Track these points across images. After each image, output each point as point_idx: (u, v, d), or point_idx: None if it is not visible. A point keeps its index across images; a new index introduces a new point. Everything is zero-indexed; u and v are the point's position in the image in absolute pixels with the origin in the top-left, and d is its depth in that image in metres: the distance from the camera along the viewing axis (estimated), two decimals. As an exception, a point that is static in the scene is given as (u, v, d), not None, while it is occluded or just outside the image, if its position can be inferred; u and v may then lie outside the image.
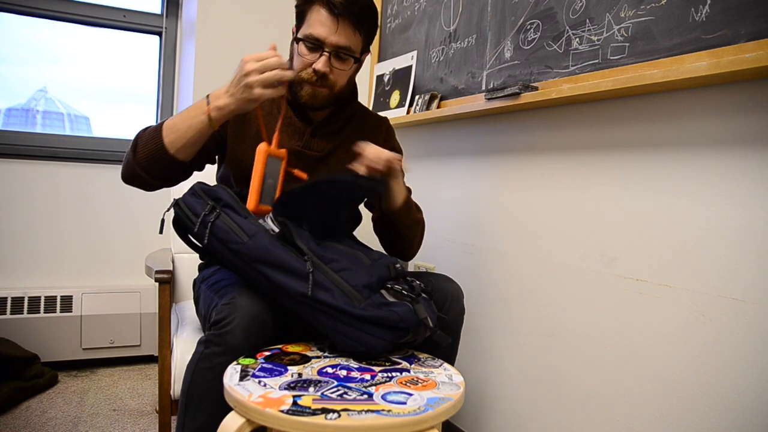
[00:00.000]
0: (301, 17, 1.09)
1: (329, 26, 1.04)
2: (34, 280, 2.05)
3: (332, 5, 1.02)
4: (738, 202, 0.90)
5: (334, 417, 0.66)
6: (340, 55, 1.07)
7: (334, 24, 1.04)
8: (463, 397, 0.79)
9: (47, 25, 2.16)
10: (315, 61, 1.06)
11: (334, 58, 1.06)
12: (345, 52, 1.07)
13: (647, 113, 1.05)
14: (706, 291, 0.93)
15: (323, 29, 1.04)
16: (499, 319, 1.42)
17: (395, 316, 0.87)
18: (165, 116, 2.31)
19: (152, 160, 1.02)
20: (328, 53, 1.05)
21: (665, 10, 0.99)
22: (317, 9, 1.04)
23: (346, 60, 1.08)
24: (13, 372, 1.77)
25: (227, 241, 0.92)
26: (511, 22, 1.39)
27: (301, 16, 1.09)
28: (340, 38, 1.05)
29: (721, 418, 0.90)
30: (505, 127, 1.43)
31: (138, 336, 2.12)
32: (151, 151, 1.01)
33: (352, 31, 1.06)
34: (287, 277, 0.89)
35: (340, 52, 1.06)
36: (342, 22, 1.04)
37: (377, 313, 0.87)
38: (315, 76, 1.07)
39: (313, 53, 1.06)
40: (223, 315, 0.87)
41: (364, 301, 0.88)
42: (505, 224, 1.42)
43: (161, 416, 1.20)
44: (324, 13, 1.04)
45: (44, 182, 2.06)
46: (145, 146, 1.02)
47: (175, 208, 0.97)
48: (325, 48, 1.05)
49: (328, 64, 1.06)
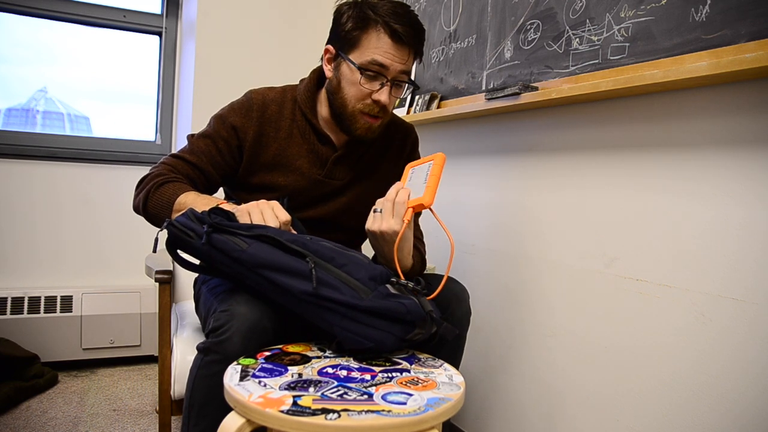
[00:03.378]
0: (353, 42, 1.01)
1: (394, 54, 0.99)
2: (34, 280, 2.05)
3: (397, 33, 0.97)
4: (738, 202, 0.90)
5: (334, 417, 0.66)
6: (399, 82, 1.03)
7: (399, 52, 0.99)
8: (463, 397, 0.79)
9: (47, 25, 2.16)
10: (375, 92, 1.01)
11: (393, 87, 1.03)
12: (405, 77, 1.03)
13: (647, 113, 1.05)
14: (706, 291, 0.93)
15: (387, 57, 0.98)
16: (498, 319, 1.42)
17: (402, 308, 0.85)
18: (165, 116, 2.31)
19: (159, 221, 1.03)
20: (390, 83, 1.01)
21: (665, 10, 0.99)
22: (377, 35, 0.99)
23: (402, 87, 1.05)
24: (13, 372, 1.77)
25: (227, 250, 0.91)
26: (511, 22, 1.39)
27: (352, 41, 1.01)
28: (403, 66, 1.01)
29: (722, 418, 0.90)
30: (505, 127, 1.43)
31: (138, 336, 2.12)
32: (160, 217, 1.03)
33: (412, 57, 1.02)
34: (290, 277, 0.88)
35: (401, 80, 1.03)
36: (404, 49, 1.00)
37: (384, 304, 0.85)
38: (376, 108, 1.02)
39: (372, 82, 1.01)
40: (221, 323, 0.87)
41: (370, 293, 0.87)
42: (505, 224, 1.42)
43: (161, 416, 1.20)
44: (387, 40, 0.98)
45: (44, 182, 2.06)
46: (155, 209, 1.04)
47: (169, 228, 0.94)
48: (388, 77, 1.01)
49: (389, 94, 1.02)
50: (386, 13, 0.99)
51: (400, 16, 1.00)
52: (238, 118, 1.10)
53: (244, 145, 1.10)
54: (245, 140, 1.10)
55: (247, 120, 1.10)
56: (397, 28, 0.98)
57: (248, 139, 1.09)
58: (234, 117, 1.10)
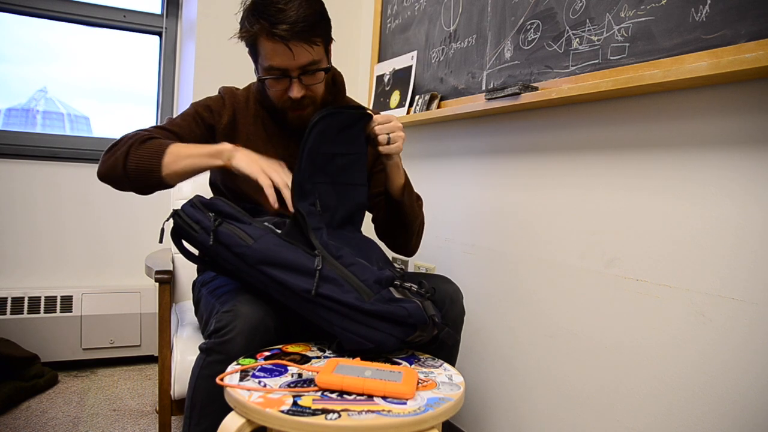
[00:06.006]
0: (254, 52, 1.05)
1: (284, 53, 0.99)
2: (34, 280, 2.05)
3: (276, 36, 0.97)
4: (738, 202, 0.90)
5: (334, 417, 0.66)
6: (308, 72, 1.04)
7: (287, 50, 0.99)
8: (463, 397, 0.79)
9: (47, 25, 2.16)
10: (287, 89, 1.04)
11: (304, 76, 1.03)
12: (311, 67, 1.03)
13: (647, 113, 1.05)
14: (706, 291, 0.93)
15: (279, 58, 1.00)
16: (499, 319, 1.42)
17: (404, 312, 0.86)
18: (165, 116, 2.31)
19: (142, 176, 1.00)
20: (296, 78, 1.03)
21: (665, 10, 0.99)
22: (264, 43, 1.00)
23: (316, 74, 1.05)
24: (13, 372, 1.77)
25: (231, 245, 0.92)
26: (511, 22, 1.39)
27: (253, 52, 1.06)
28: (300, 59, 1.01)
29: (722, 418, 0.90)
30: (505, 127, 1.43)
31: (138, 336, 2.12)
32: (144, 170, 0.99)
33: (309, 47, 1.01)
34: (293, 275, 0.89)
35: (307, 69, 1.03)
36: (294, 45, 0.99)
37: (386, 308, 0.86)
38: (295, 102, 1.06)
39: (281, 82, 1.04)
40: (224, 323, 0.87)
41: (373, 296, 0.87)
42: (505, 224, 1.42)
43: (161, 416, 1.20)
44: (272, 46, 0.99)
45: (44, 182, 2.06)
46: (139, 162, 0.99)
47: (175, 218, 0.96)
48: (291, 74, 1.02)
49: (302, 87, 1.04)
50: (267, 14, 0.98)
51: (279, 14, 0.97)
52: (213, 102, 1.15)
53: (218, 127, 1.13)
54: (219, 123, 1.13)
55: (221, 106, 1.15)
56: (276, 32, 0.97)
57: (222, 122, 1.13)
58: (209, 101, 1.16)
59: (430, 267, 1.70)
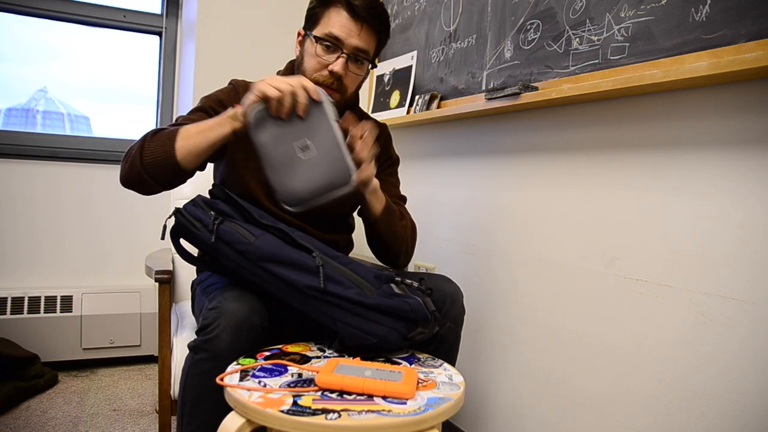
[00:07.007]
0: (315, 19, 1.07)
1: (350, 28, 1.03)
2: (34, 280, 2.05)
3: (354, 8, 1.02)
4: (738, 202, 0.90)
5: (334, 417, 0.66)
6: (357, 58, 1.06)
7: (355, 26, 1.03)
8: (463, 397, 0.79)
9: (47, 25, 2.16)
10: (331, 63, 1.04)
11: (350, 61, 1.05)
12: (362, 55, 1.05)
13: (647, 113, 1.05)
14: (706, 291, 0.93)
15: (344, 30, 1.03)
16: (499, 319, 1.42)
17: (407, 306, 0.87)
18: (165, 116, 2.31)
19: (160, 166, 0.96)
20: (346, 55, 1.04)
21: (665, 10, 0.99)
22: (337, 10, 1.04)
23: (361, 64, 1.07)
24: (13, 372, 1.77)
25: (233, 242, 0.92)
26: (511, 22, 1.39)
27: (314, 18, 1.07)
28: (360, 41, 1.04)
29: (722, 418, 0.90)
30: (505, 127, 1.43)
31: (138, 336, 2.12)
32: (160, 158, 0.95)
33: (370, 36, 1.06)
34: (297, 272, 0.89)
35: (358, 55, 1.05)
36: (363, 26, 1.03)
37: (389, 302, 0.87)
38: (331, 78, 1.05)
39: (329, 54, 1.05)
40: (209, 320, 0.87)
41: (375, 291, 0.88)
42: (505, 224, 1.41)
43: (161, 416, 1.20)
44: (345, 15, 1.03)
45: (44, 182, 2.06)
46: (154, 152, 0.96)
47: (176, 216, 0.96)
48: (344, 50, 1.04)
49: (345, 66, 1.05)
50: None
51: None
52: (224, 95, 1.14)
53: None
54: None
55: (233, 98, 1.12)
56: (355, 4, 1.02)
57: None
58: (220, 95, 1.14)
59: (430, 267, 1.70)
